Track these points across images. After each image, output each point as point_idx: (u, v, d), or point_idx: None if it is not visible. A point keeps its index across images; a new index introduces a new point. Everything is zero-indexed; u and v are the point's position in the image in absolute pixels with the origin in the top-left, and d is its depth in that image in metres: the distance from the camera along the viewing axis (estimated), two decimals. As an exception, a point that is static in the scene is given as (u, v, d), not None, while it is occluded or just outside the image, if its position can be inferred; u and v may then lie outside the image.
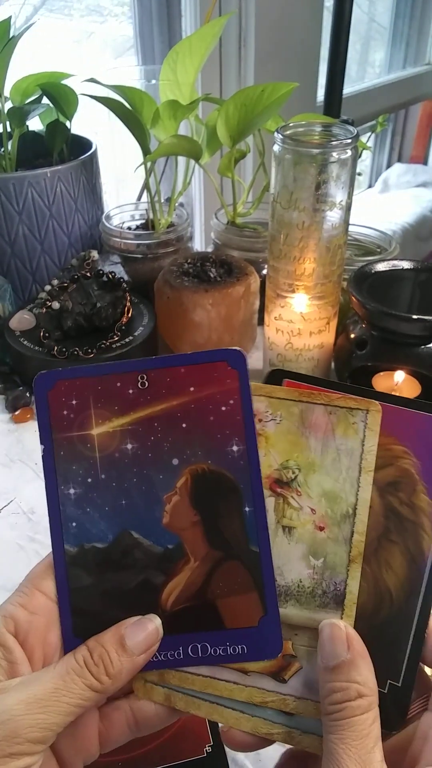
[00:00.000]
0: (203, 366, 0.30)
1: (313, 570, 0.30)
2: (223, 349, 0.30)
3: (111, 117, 0.70)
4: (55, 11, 1.05)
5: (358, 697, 0.25)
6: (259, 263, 0.77)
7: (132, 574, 0.30)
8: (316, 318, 0.62)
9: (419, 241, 1.83)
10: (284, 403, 0.31)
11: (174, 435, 0.30)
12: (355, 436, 0.30)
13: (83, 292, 0.70)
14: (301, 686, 0.29)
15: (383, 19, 1.83)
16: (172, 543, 0.30)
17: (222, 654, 0.29)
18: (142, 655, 0.28)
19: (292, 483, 0.31)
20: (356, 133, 0.55)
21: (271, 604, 0.29)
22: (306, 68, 1.17)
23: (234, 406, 0.30)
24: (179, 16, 1.04)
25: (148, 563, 0.30)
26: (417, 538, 0.29)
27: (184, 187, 0.79)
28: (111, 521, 0.30)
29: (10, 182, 0.72)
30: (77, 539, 0.30)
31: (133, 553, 0.30)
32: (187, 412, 0.30)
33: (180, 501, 0.30)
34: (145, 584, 0.29)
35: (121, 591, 0.29)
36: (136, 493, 0.30)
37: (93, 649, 0.27)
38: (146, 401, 0.30)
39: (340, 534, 0.30)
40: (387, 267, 0.66)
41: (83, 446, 0.30)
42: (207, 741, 0.41)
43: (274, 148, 0.56)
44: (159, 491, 0.30)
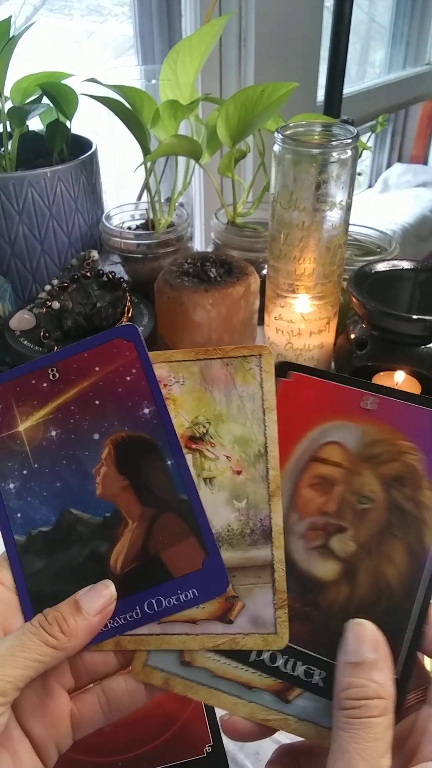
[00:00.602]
0: (103, 346, 0.33)
1: (238, 512, 0.32)
2: (117, 327, 0.33)
3: (111, 117, 0.70)
4: (55, 11, 1.05)
5: (377, 698, 0.25)
6: (259, 263, 0.77)
7: (79, 549, 0.32)
8: (316, 318, 0.62)
9: (419, 241, 1.83)
10: (184, 365, 0.33)
11: (90, 413, 0.33)
12: (253, 381, 0.33)
13: (83, 292, 0.70)
14: (248, 623, 0.30)
15: (383, 19, 1.83)
16: (109, 511, 0.32)
17: (176, 603, 0.31)
18: (97, 615, 0.29)
19: (204, 437, 0.33)
20: (356, 133, 0.55)
21: (210, 544, 0.31)
22: (306, 68, 1.17)
23: (137, 374, 0.33)
24: (179, 16, 1.04)
25: (92, 535, 0.32)
26: (419, 533, 0.29)
27: (184, 187, 0.79)
28: (51, 504, 0.32)
29: (10, 182, 0.72)
30: (24, 528, 0.32)
31: (76, 528, 0.32)
32: (97, 390, 0.33)
33: (108, 471, 0.32)
34: (93, 555, 0.31)
35: (72, 567, 0.31)
36: (68, 474, 0.32)
37: (48, 613, 0.28)
38: (60, 390, 0.33)
39: (257, 473, 0.32)
40: (387, 267, 0.66)
41: (14, 443, 0.33)
42: (207, 741, 0.41)
43: (274, 148, 0.56)
44: (87, 467, 0.32)
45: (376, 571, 0.29)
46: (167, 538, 0.31)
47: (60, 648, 0.28)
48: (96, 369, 0.33)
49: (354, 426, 0.31)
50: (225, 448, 0.32)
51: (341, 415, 0.31)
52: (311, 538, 0.30)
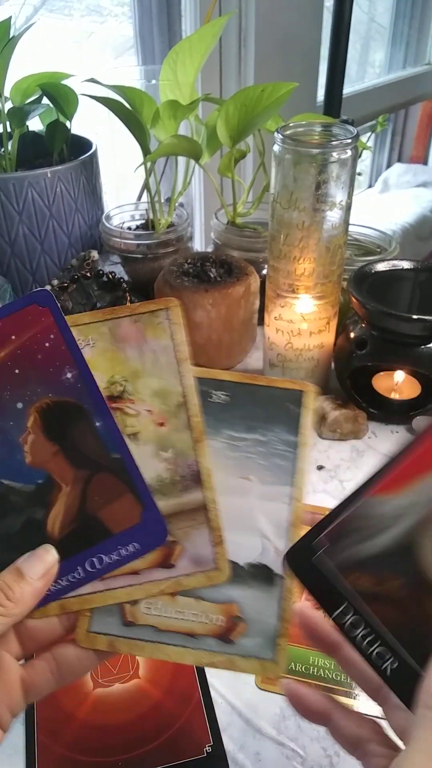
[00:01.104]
0: (16, 315, 0.32)
1: (166, 462, 0.32)
2: (28, 294, 0.32)
3: (111, 117, 0.70)
4: (55, 11, 1.05)
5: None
6: (259, 263, 0.77)
7: (14, 518, 0.31)
8: (316, 318, 0.62)
9: (419, 241, 1.83)
10: (92, 327, 0.33)
11: (11, 383, 0.32)
12: (164, 334, 0.33)
13: (83, 292, 0.70)
14: (189, 564, 0.31)
15: (383, 19, 1.82)
16: (41, 478, 0.32)
17: (117, 558, 0.31)
18: (41, 579, 0.29)
19: (123, 395, 0.33)
20: (356, 133, 0.55)
21: (146, 497, 0.32)
22: (306, 68, 1.17)
23: (55, 339, 0.32)
24: (179, 16, 1.04)
25: (26, 503, 0.31)
26: None
27: (184, 187, 0.79)
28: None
29: (10, 182, 0.72)
30: None
31: (8, 499, 0.32)
32: (15, 358, 0.32)
33: (35, 438, 0.32)
34: (29, 523, 0.31)
35: (9, 536, 0.31)
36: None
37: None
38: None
39: (180, 423, 0.32)
40: (387, 267, 0.66)
41: None
42: (207, 741, 0.41)
43: (274, 148, 0.56)
44: (14, 436, 0.32)
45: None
46: (103, 497, 0.32)
47: (7, 615, 0.28)
48: (12, 338, 0.32)
49: None
50: (145, 403, 0.33)
51: None
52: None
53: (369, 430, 0.65)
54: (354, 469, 0.61)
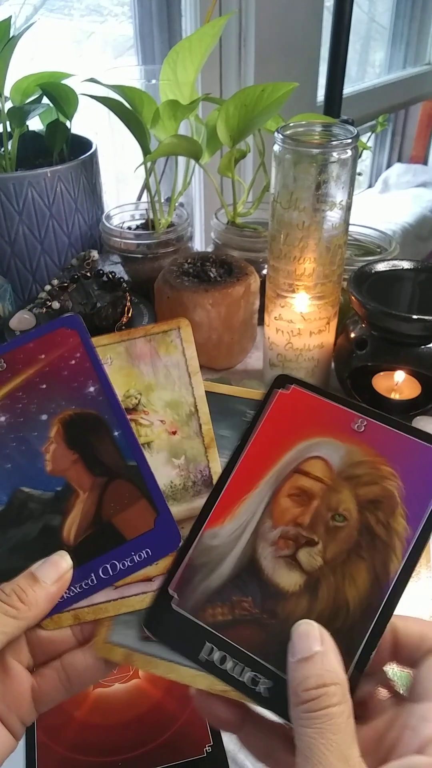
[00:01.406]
0: (47, 336, 0.35)
1: (178, 469, 0.34)
2: (59, 318, 0.35)
3: (111, 117, 0.70)
4: (55, 11, 1.05)
5: (332, 684, 0.25)
6: (259, 263, 0.77)
7: (32, 525, 0.32)
8: (316, 318, 0.62)
9: (419, 241, 1.83)
10: (110, 347, 0.35)
11: (38, 397, 0.34)
12: (176, 351, 0.36)
13: (83, 292, 0.70)
14: None
15: (383, 19, 1.83)
16: (60, 485, 0.33)
17: (130, 565, 0.32)
18: (55, 584, 0.30)
19: (137, 407, 0.35)
20: (356, 133, 0.55)
21: (160, 503, 0.33)
22: (306, 68, 1.17)
23: (81, 357, 0.35)
24: (179, 16, 1.04)
25: (44, 510, 0.33)
26: (385, 558, 0.29)
27: (184, 187, 0.79)
28: (2, 485, 0.33)
29: (10, 182, 0.72)
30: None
31: (27, 505, 0.33)
32: (43, 375, 0.34)
33: (57, 447, 0.34)
34: (46, 529, 0.32)
35: (26, 542, 0.32)
36: (18, 455, 0.33)
37: (5, 587, 0.29)
38: (7, 379, 0.34)
39: (191, 430, 0.34)
40: (387, 267, 0.66)
41: None
42: (207, 741, 0.41)
43: (274, 148, 0.56)
44: (37, 446, 0.34)
45: (338, 589, 0.29)
46: (118, 503, 0.33)
47: (21, 618, 0.28)
48: (41, 357, 0.34)
49: (341, 445, 0.32)
50: (158, 414, 0.35)
51: (331, 432, 0.32)
52: (281, 547, 0.30)
53: (369, 430, 0.65)
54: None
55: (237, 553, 0.30)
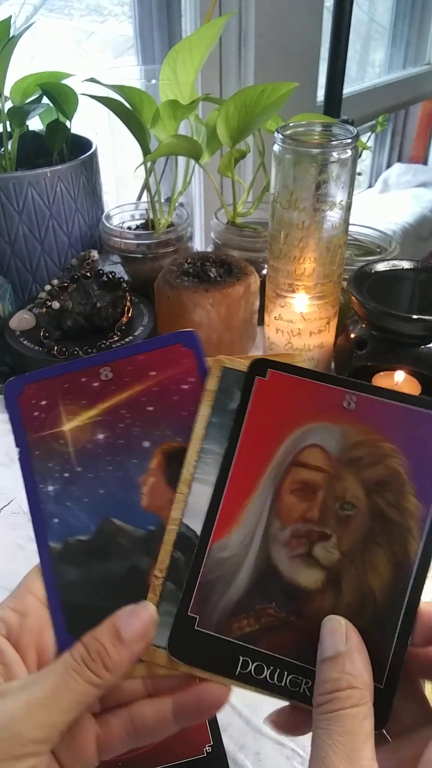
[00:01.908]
0: (161, 351, 0.31)
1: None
2: (176, 332, 0.32)
3: (111, 117, 0.70)
4: (55, 11, 1.05)
5: (349, 688, 0.25)
6: (259, 263, 0.77)
7: (118, 562, 0.30)
8: (316, 318, 0.62)
9: (419, 241, 1.83)
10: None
11: (142, 419, 0.31)
12: None
13: (83, 292, 0.70)
14: None
15: (383, 19, 1.83)
16: (154, 524, 0.30)
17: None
18: (139, 643, 0.27)
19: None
20: (356, 133, 0.55)
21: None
22: (306, 68, 1.17)
23: (194, 383, 0.31)
24: (179, 16, 1.04)
25: (133, 548, 0.30)
26: (403, 541, 0.28)
27: (184, 187, 0.79)
28: (91, 512, 0.30)
29: (10, 182, 0.72)
30: (60, 535, 0.30)
31: (116, 540, 0.30)
32: (151, 395, 0.31)
33: (156, 481, 0.30)
34: (133, 570, 0.30)
35: (110, 581, 0.30)
36: (113, 481, 0.30)
37: (89, 644, 0.27)
38: (111, 391, 0.31)
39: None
40: (387, 267, 0.66)
41: (57, 443, 0.31)
42: (207, 741, 0.40)
43: (274, 148, 0.56)
44: (134, 475, 0.30)
45: (361, 579, 0.28)
46: None
47: (103, 685, 0.26)
48: (151, 374, 0.31)
49: (335, 427, 0.30)
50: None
51: (321, 415, 0.30)
52: (294, 546, 0.29)
53: (369, 430, 0.65)
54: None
55: (251, 561, 0.29)
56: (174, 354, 0.32)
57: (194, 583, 0.29)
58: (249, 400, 0.31)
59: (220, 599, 0.29)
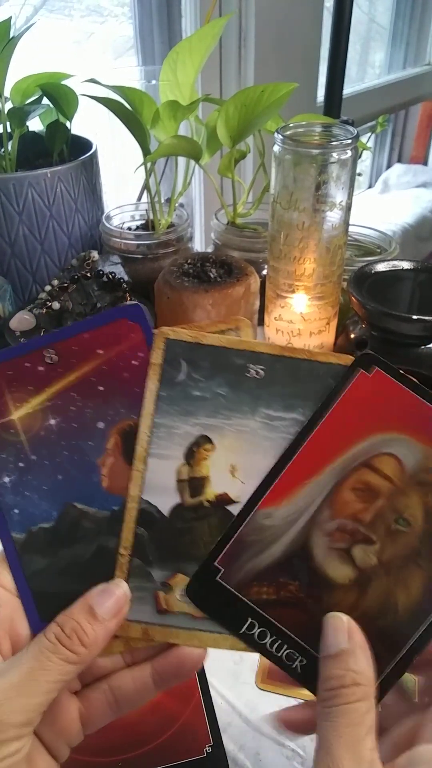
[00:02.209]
0: (105, 327, 0.30)
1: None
2: (120, 306, 0.31)
3: (111, 117, 0.70)
4: (55, 11, 1.05)
5: (353, 685, 0.26)
6: (259, 263, 0.77)
7: (85, 545, 0.30)
8: (316, 318, 0.62)
9: (419, 241, 1.83)
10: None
11: (94, 400, 0.30)
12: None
13: (83, 292, 0.70)
14: None
15: (383, 19, 1.83)
16: (117, 504, 0.30)
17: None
18: (113, 619, 0.28)
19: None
20: (356, 134, 0.55)
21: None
22: (306, 68, 1.17)
23: (144, 357, 0.30)
24: (179, 16, 1.04)
25: (98, 530, 0.30)
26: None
27: (184, 187, 0.79)
28: (52, 499, 0.30)
29: (10, 182, 0.72)
30: (23, 525, 0.30)
31: (80, 524, 0.30)
32: (100, 374, 0.30)
33: (115, 461, 0.30)
34: (100, 551, 0.30)
35: (78, 564, 0.30)
36: (70, 465, 0.30)
37: (64, 623, 0.27)
38: (59, 374, 0.30)
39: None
40: (387, 267, 0.66)
41: (6, 433, 0.30)
42: (207, 741, 0.41)
43: (274, 148, 0.56)
44: (92, 457, 0.30)
45: (389, 591, 0.29)
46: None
47: (80, 662, 0.26)
48: (99, 352, 0.30)
49: (419, 446, 0.30)
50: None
51: (410, 430, 0.30)
52: (336, 539, 0.30)
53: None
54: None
55: (290, 537, 0.30)
56: (120, 329, 0.30)
57: (229, 538, 0.30)
58: (344, 387, 0.30)
59: (249, 561, 0.30)
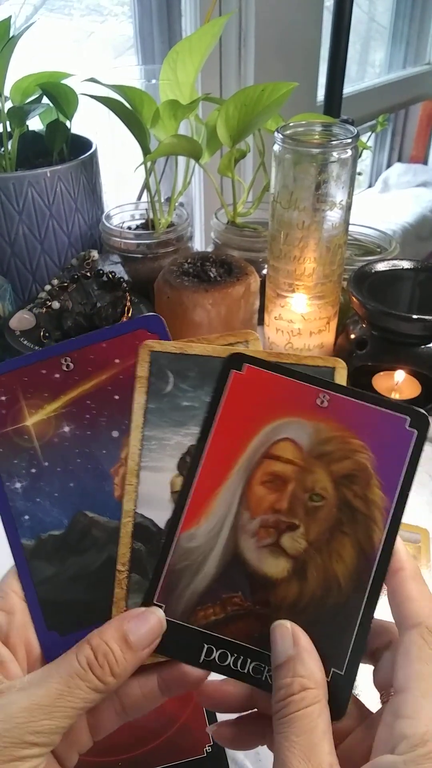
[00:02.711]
0: (123, 337, 0.31)
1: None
2: (140, 317, 0.31)
3: (111, 117, 0.70)
4: (55, 11, 1.05)
5: (302, 690, 0.25)
6: (259, 263, 0.77)
7: (94, 554, 0.30)
8: (316, 318, 0.62)
9: (419, 241, 1.83)
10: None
11: (109, 408, 0.30)
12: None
13: (83, 291, 0.70)
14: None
15: (383, 19, 1.83)
16: None
17: None
18: (146, 649, 0.27)
19: None
20: (356, 133, 0.55)
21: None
22: (306, 68, 1.17)
23: None
24: (179, 16, 1.04)
25: (108, 539, 0.30)
26: (368, 531, 0.29)
27: (184, 186, 0.79)
28: (63, 506, 0.30)
29: (10, 182, 0.72)
30: (33, 531, 0.30)
31: (91, 532, 0.30)
32: (116, 383, 0.30)
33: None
34: (109, 561, 0.29)
35: (87, 573, 0.30)
36: (83, 473, 0.30)
37: (97, 647, 0.26)
38: (74, 382, 0.30)
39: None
40: (387, 267, 0.66)
41: (20, 439, 0.30)
42: (207, 741, 0.41)
43: (274, 147, 0.56)
44: (105, 466, 0.30)
45: (326, 568, 0.29)
46: None
47: (107, 691, 0.26)
48: (116, 361, 0.30)
49: (307, 423, 0.31)
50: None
51: (295, 411, 0.31)
52: (262, 536, 0.30)
53: (369, 430, 0.65)
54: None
55: (219, 551, 0.30)
56: (138, 340, 0.31)
57: (161, 573, 0.30)
58: (223, 392, 0.31)
59: (187, 588, 0.30)
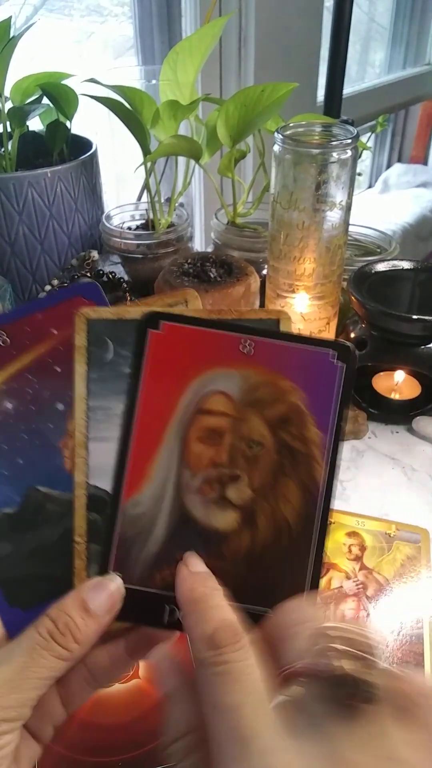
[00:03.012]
0: (59, 306, 0.30)
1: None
2: (74, 285, 0.30)
3: (111, 117, 0.70)
4: (55, 11, 1.05)
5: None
6: (259, 263, 0.77)
7: (51, 528, 0.30)
8: (316, 318, 0.62)
9: (419, 241, 1.83)
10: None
11: (51, 381, 0.30)
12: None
13: (83, 292, 0.70)
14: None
15: (383, 19, 1.83)
16: None
17: None
18: (107, 615, 0.27)
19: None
20: (356, 133, 0.55)
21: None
22: (306, 68, 1.17)
23: None
24: (179, 16, 1.04)
25: (64, 512, 0.29)
26: (310, 469, 0.30)
27: (184, 187, 0.79)
28: (14, 484, 0.30)
29: (10, 182, 0.72)
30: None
31: (45, 507, 0.30)
32: (56, 355, 0.30)
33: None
34: (66, 534, 0.29)
35: (45, 548, 0.29)
36: (31, 449, 0.30)
37: (57, 618, 0.26)
38: (12, 356, 0.30)
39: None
40: (387, 267, 0.66)
41: None
42: (207, 741, 0.41)
43: (274, 148, 0.56)
44: (53, 439, 0.30)
45: (274, 512, 0.30)
46: None
47: (72, 658, 0.26)
48: (54, 332, 0.30)
49: (234, 372, 0.30)
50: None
51: (220, 362, 0.30)
52: (207, 492, 0.30)
53: (369, 431, 0.66)
54: (354, 470, 0.61)
55: (166, 513, 0.30)
56: (75, 308, 0.29)
57: (111, 543, 0.29)
58: (144, 354, 0.30)
59: (140, 553, 0.29)
